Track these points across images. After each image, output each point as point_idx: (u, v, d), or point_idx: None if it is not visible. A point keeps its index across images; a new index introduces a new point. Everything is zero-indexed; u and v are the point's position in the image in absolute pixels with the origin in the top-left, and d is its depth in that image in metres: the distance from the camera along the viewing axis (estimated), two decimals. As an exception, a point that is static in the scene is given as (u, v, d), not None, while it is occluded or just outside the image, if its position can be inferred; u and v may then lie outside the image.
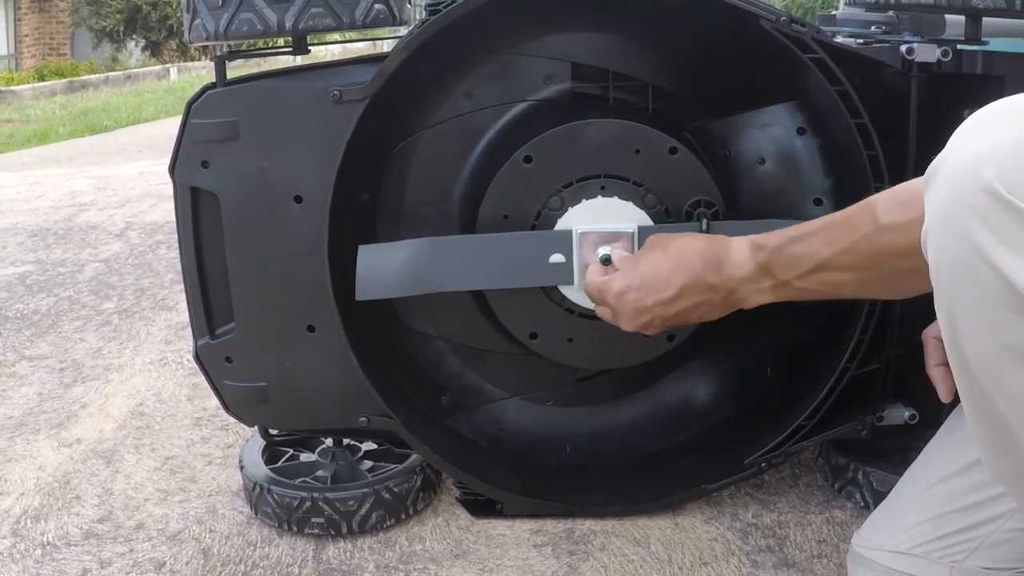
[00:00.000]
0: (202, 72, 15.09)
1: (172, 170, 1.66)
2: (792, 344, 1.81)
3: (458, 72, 1.72)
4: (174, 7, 16.78)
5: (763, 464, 1.73)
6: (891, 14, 1.92)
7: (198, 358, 1.73)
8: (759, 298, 1.44)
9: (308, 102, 1.61)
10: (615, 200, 1.66)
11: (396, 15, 1.68)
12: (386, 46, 1.59)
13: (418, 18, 1.63)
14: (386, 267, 1.65)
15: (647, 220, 1.65)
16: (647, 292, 1.49)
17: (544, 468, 1.85)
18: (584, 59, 1.74)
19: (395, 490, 1.76)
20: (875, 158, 1.59)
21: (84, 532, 1.79)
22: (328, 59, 1.72)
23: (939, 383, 1.39)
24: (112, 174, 5.33)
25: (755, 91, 1.72)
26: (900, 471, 1.48)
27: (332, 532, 1.74)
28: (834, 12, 2.12)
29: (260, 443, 1.87)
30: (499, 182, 1.67)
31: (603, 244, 1.61)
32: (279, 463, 1.87)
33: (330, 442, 1.88)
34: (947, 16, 1.76)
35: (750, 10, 1.57)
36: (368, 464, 1.86)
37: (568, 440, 1.87)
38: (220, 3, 1.61)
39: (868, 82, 1.61)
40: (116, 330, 2.85)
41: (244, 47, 1.94)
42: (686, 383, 1.87)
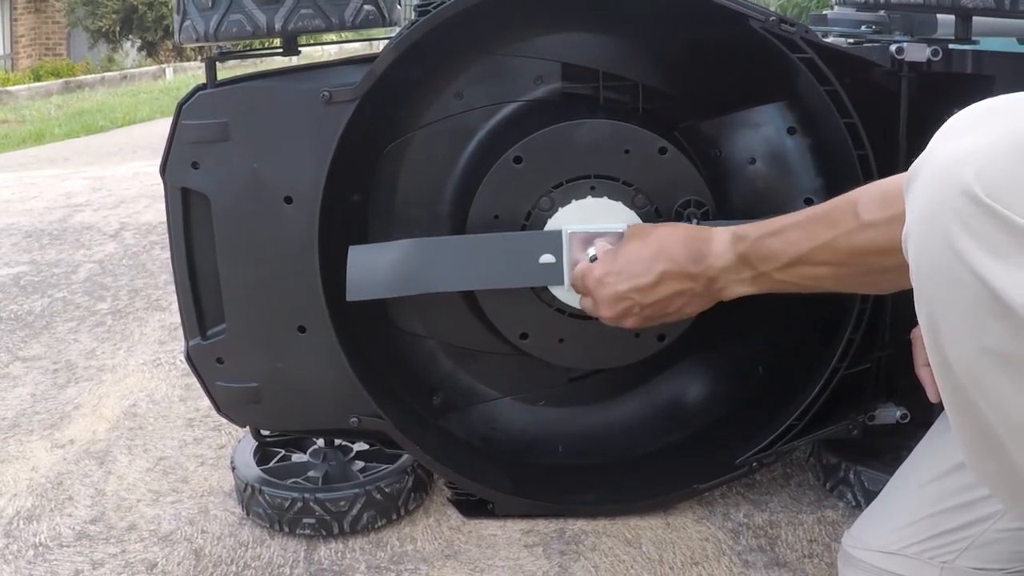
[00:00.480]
0: (198, 72, 15.06)
1: (163, 171, 1.66)
2: (783, 344, 1.81)
3: (448, 73, 1.72)
4: (170, 7, 16.75)
5: (754, 464, 1.73)
6: (882, 14, 1.92)
7: (189, 359, 1.73)
8: (739, 289, 1.44)
9: (298, 103, 1.61)
10: (605, 200, 1.66)
11: (386, 16, 1.68)
12: (382, 47, 1.58)
13: (408, 19, 1.63)
14: (377, 268, 1.65)
15: (637, 220, 1.65)
16: (625, 278, 1.50)
17: (536, 468, 1.85)
18: (574, 59, 1.74)
19: (386, 490, 1.76)
20: (865, 158, 1.59)
21: (76, 533, 1.79)
22: (323, 60, 1.72)
23: (928, 383, 1.39)
24: (107, 175, 5.32)
25: (745, 91, 1.72)
26: (891, 470, 1.48)
27: (323, 533, 1.74)
28: (826, 12, 2.12)
29: (252, 444, 1.87)
30: (489, 182, 1.67)
31: (593, 244, 1.61)
32: (271, 464, 1.87)
33: (321, 443, 1.88)
34: (938, 16, 1.76)
35: (739, 10, 1.57)
36: (359, 465, 1.86)
37: (560, 440, 1.87)
38: (210, 4, 1.61)
39: (858, 82, 1.61)
40: (110, 331, 2.84)
41: (238, 47, 1.94)
42: (678, 383, 1.87)
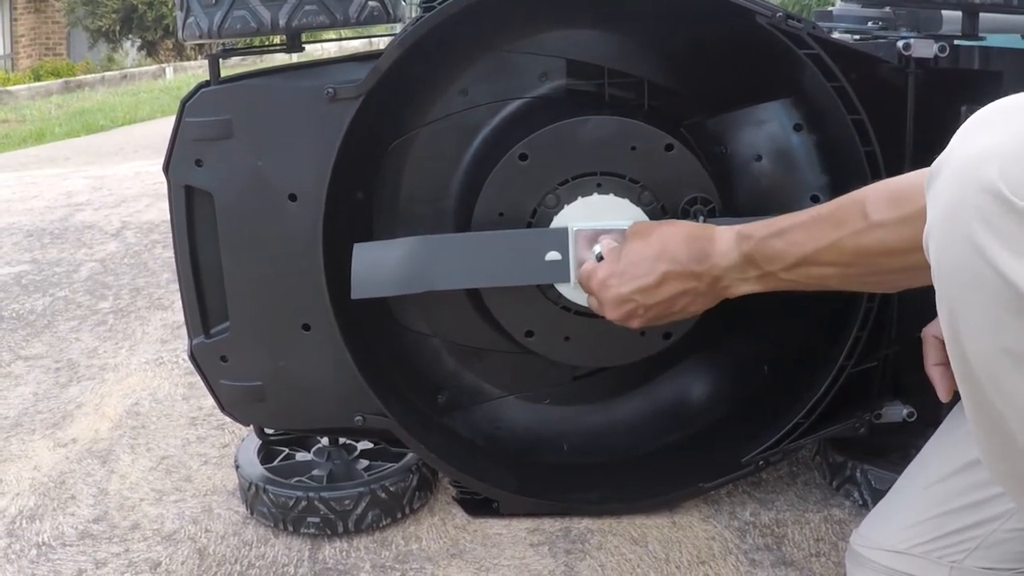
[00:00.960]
0: (198, 71, 15.08)
1: (166, 169, 1.65)
2: (789, 342, 1.80)
3: (453, 69, 1.71)
4: (170, 7, 16.78)
5: (761, 462, 1.73)
6: (888, 10, 1.91)
7: (193, 357, 1.73)
8: (744, 287, 1.43)
9: (302, 100, 1.60)
10: (611, 197, 1.65)
11: (390, 12, 1.67)
12: (382, 45, 1.58)
13: (412, 15, 1.62)
14: (381, 265, 1.64)
15: (643, 217, 1.64)
16: (628, 279, 1.48)
17: (541, 467, 1.85)
18: (579, 56, 1.73)
19: (391, 489, 1.75)
20: (872, 154, 1.59)
21: (79, 532, 1.79)
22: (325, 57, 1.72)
23: (938, 382, 1.38)
24: (108, 174, 5.32)
25: (751, 87, 1.71)
26: (899, 469, 1.47)
27: (328, 531, 1.73)
28: (831, 8, 2.11)
29: (256, 442, 1.87)
30: (495, 180, 1.66)
31: (599, 241, 1.60)
32: (275, 462, 1.86)
33: (326, 441, 1.87)
34: (944, 12, 1.75)
35: (746, 6, 1.56)
36: (364, 463, 1.86)
37: (565, 439, 1.87)
38: (213, 1, 1.60)
39: (865, 78, 1.60)
40: (112, 330, 2.84)
41: (242, 44, 1.93)
42: (683, 381, 1.87)
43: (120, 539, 1.76)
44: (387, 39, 1.63)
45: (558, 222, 1.65)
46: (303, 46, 1.73)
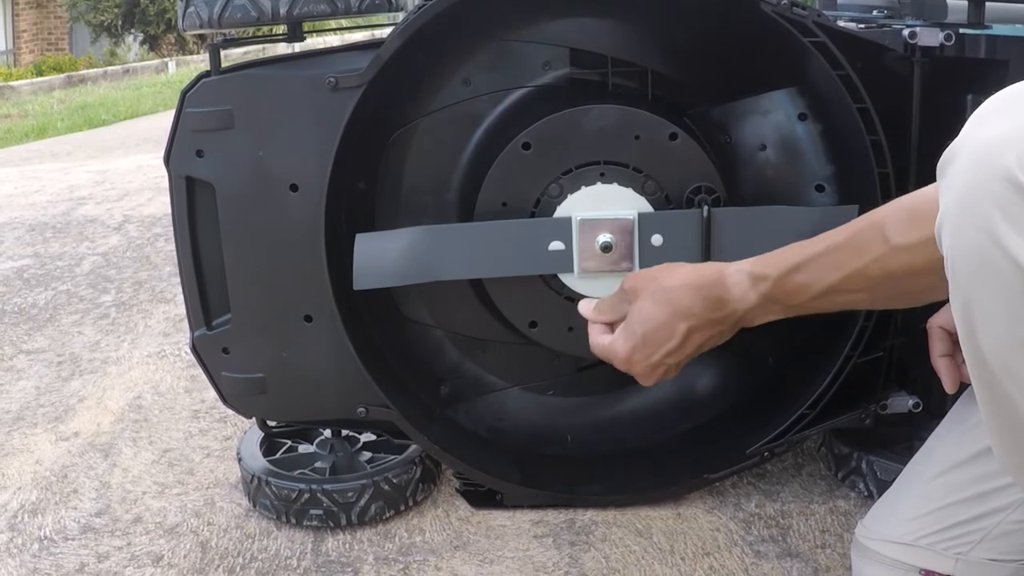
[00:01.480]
0: (200, 65, 15.07)
1: (167, 160, 1.65)
2: (795, 332, 1.79)
3: (455, 59, 1.70)
4: (171, 1, 16.78)
5: (766, 453, 1.72)
6: (893, -2, 1.90)
7: (195, 349, 1.72)
8: (769, 317, 1.37)
9: (304, 89, 1.60)
10: (615, 187, 1.64)
11: (392, 1, 1.66)
12: (386, 35, 1.58)
13: (414, 4, 1.62)
14: (384, 256, 1.63)
15: (647, 206, 1.63)
16: (653, 348, 1.42)
17: (545, 458, 1.84)
18: (583, 45, 1.72)
19: (394, 481, 1.74)
20: (878, 143, 1.58)
21: (82, 526, 1.78)
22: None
23: (944, 374, 1.37)
24: (110, 168, 5.31)
25: (756, 76, 1.70)
26: (904, 460, 1.47)
27: (331, 524, 1.72)
28: (835, -4, 2.10)
29: (258, 435, 1.86)
30: (497, 169, 1.65)
31: (603, 231, 1.60)
32: (277, 455, 1.86)
33: (328, 433, 1.86)
34: (949, 0, 1.74)
35: (750, -7, 1.55)
36: (367, 455, 1.85)
37: (569, 430, 1.86)
38: (214, -10, 1.60)
39: (870, 67, 1.59)
40: (114, 323, 2.83)
41: (242, 34, 1.92)
42: (688, 372, 1.84)
43: (122, 532, 1.76)
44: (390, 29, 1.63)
45: (561, 212, 1.64)
46: (304, 36, 1.72)
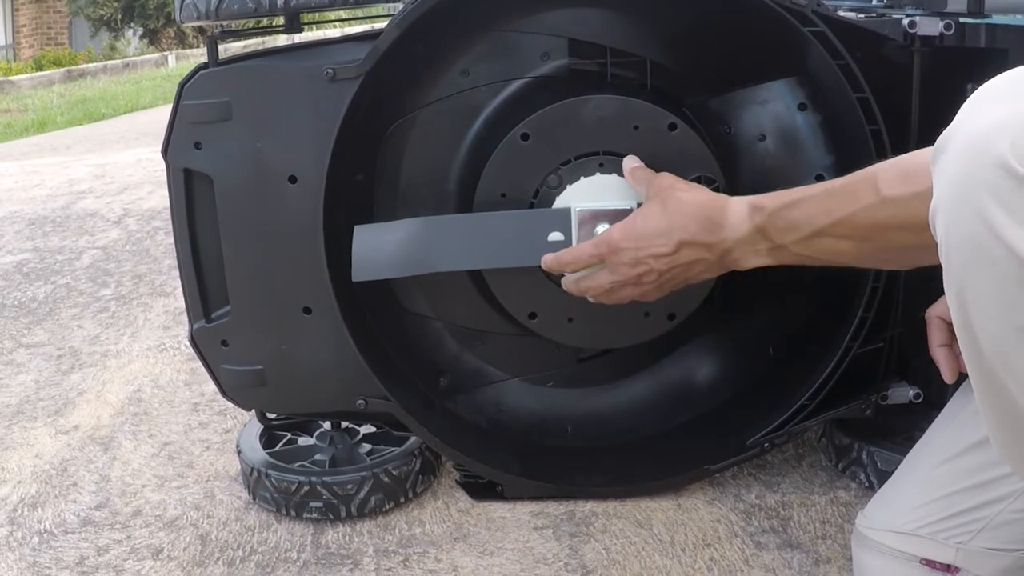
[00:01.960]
0: (200, 59, 14.93)
1: (165, 152, 1.64)
2: (795, 323, 1.79)
3: (454, 49, 1.70)
4: (171, -6, 16.78)
5: (766, 444, 1.72)
6: (892, -13, 1.90)
7: (194, 342, 1.72)
8: (754, 260, 1.41)
9: (301, 81, 1.59)
10: (614, 177, 1.64)
11: (390, -9, 1.66)
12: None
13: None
14: (382, 247, 1.63)
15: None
16: (644, 244, 1.46)
17: (545, 450, 1.84)
18: (581, 35, 1.71)
19: (394, 473, 1.74)
20: (878, 133, 1.58)
21: (81, 519, 1.78)
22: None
23: (943, 364, 1.37)
24: (110, 161, 5.31)
25: (755, 66, 1.70)
26: (904, 450, 1.47)
27: (331, 516, 1.72)
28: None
29: (258, 428, 1.86)
30: (496, 160, 1.65)
31: (602, 221, 1.59)
32: (277, 447, 1.86)
33: (328, 425, 1.86)
34: (949, -11, 1.74)
35: (749, -17, 1.55)
36: (367, 447, 1.85)
37: (569, 421, 1.86)
38: (212, -19, 1.59)
39: (870, 56, 1.59)
40: (113, 317, 2.83)
41: (240, 27, 1.92)
42: (688, 363, 1.85)
43: (122, 525, 1.76)
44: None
45: (560, 202, 1.64)
46: (302, 27, 1.72)
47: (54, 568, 1.64)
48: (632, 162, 1.59)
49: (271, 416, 1.85)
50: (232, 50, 1.74)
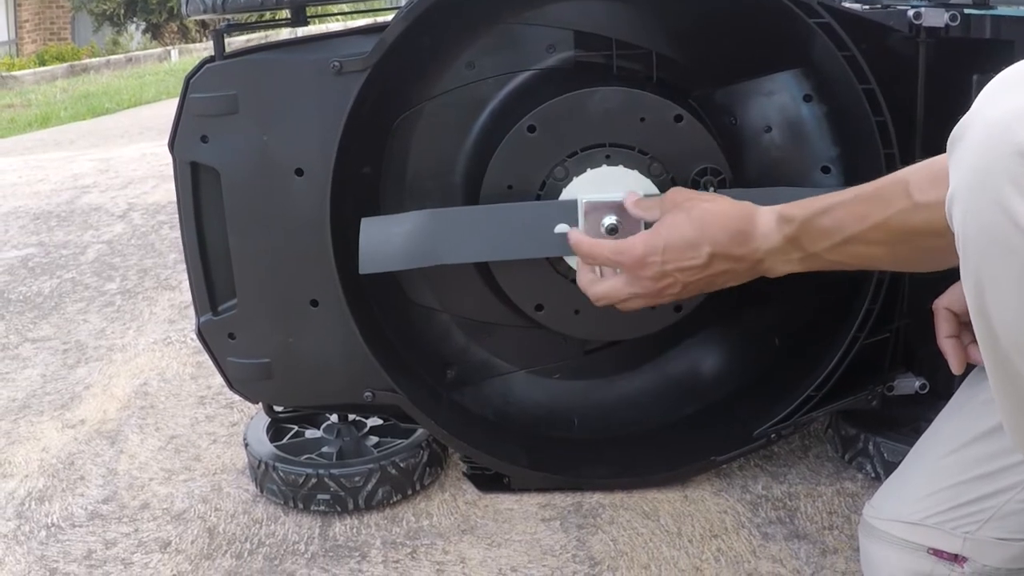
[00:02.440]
0: (204, 53, 14.84)
1: (171, 145, 1.64)
2: (801, 314, 1.79)
3: (460, 42, 1.70)
4: (174, -11, 16.77)
5: (772, 435, 1.72)
6: (898, -21, 1.90)
7: (201, 335, 1.72)
8: (785, 268, 1.40)
9: (308, 74, 1.59)
10: (620, 169, 1.64)
11: (396, -16, 1.66)
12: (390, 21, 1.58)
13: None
14: (389, 240, 1.63)
15: (653, 189, 1.63)
16: (671, 257, 1.45)
17: (552, 441, 1.84)
18: (587, 27, 1.71)
19: (401, 465, 1.75)
20: (883, 124, 1.58)
21: (89, 513, 1.78)
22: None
23: (950, 356, 1.37)
24: (114, 156, 5.31)
25: (761, 58, 1.70)
26: (911, 441, 1.47)
27: (338, 508, 1.73)
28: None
29: (264, 420, 1.86)
30: (503, 152, 1.65)
31: (609, 213, 1.59)
32: (284, 440, 1.86)
33: (335, 418, 1.86)
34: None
35: (755, -26, 1.55)
36: (374, 440, 1.85)
37: (575, 413, 1.86)
38: (217, -25, 1.59)
39: (875, 48, 1.59)
40: (119, 311, 2.83)
41: (246, 20, 1.92)
42: (694, 354, 1.86)
43: (130, 519, 1.76)
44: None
45: (567, 194, 1.64)
46: (308, 20, 1.72)
47: (62, 561, 1.65)
48: (632, 197, 1.58)
49: (278, 409, 1.86)
50: (235, 44, 1.73)
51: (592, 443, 1.84)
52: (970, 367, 1.38)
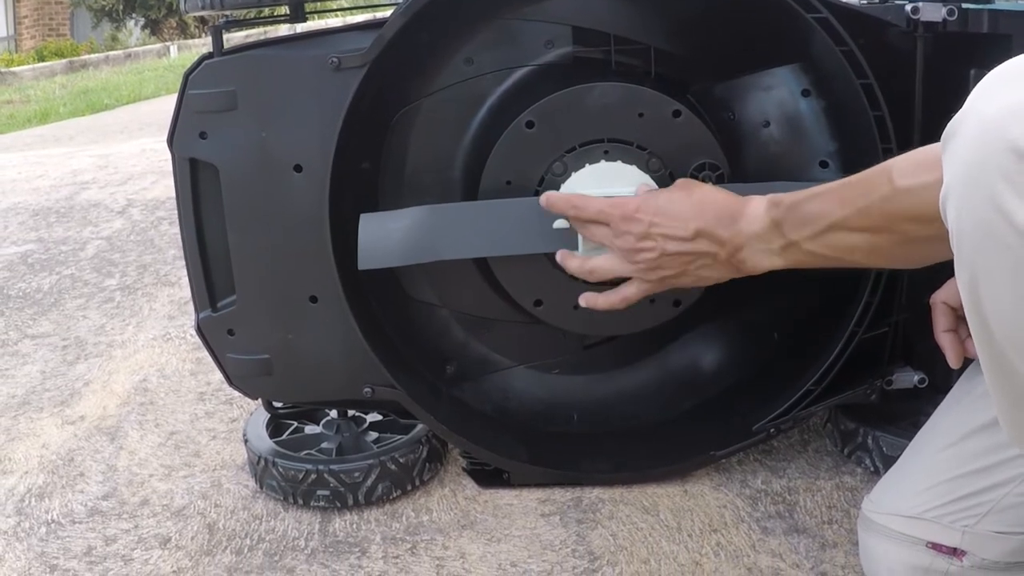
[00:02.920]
0: (203, 49, 14.90)
1: (170, 142, 1.64)
2: (800, 308, 1.79)
3: (458, 38, 1.70)
4: (173, -15, 16.76)
5: (772, 430, 1.72)
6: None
7: (200, 331, 1.72)
8: (764, 261, 1.41)
9: (307, 70, 1.59)
10: (619, 164, 1.64)
11: (394, -19, 1.66)
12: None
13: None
14: (388, 236, 1.63)
15: (651, 184, 1.63)
16: (660, 221, 1.47)
17: (551, 437, 1.84)
18: (586, 23, 1.71)
19: (401, 461, 1.75)
20: (881, 119, 1.58)
21: (89, 509, 1.78)
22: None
23: (948, 349, 1.37)
24: (113, 152, 5.31)
25: (759, 53, 1.70)
26: (910, 435, 1.47)
27: (338, 504, 1.73)
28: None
29: (264, 416, 1.86)
30: (501, 148, 1.65)
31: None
32: (283, 436, 1.86)
33: (335, 414, 1.87)
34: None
35: (753, -31, 1.55)
36: (373, 435, 1.85)
37: (575, 408, 1.86)
38: (216, -29, 1.59)
39: (873, 42, 1.59)
40: (119, 307, 2.84)
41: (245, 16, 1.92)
42: (693, 349, 1.86)
43: (129, 515, 1.76)
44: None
45: (566, 189, 1.64)
46: (307, 16, 1.72)
47: (62, 558, 1.65)
48: (644, 189, 1.58)
49: (277, 405, 1.85)
50: (234, 40, 1.73)
51: (591, 438, 1.84)
52: (968, 361, 1.38)
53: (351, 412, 1.86)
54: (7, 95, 11.83)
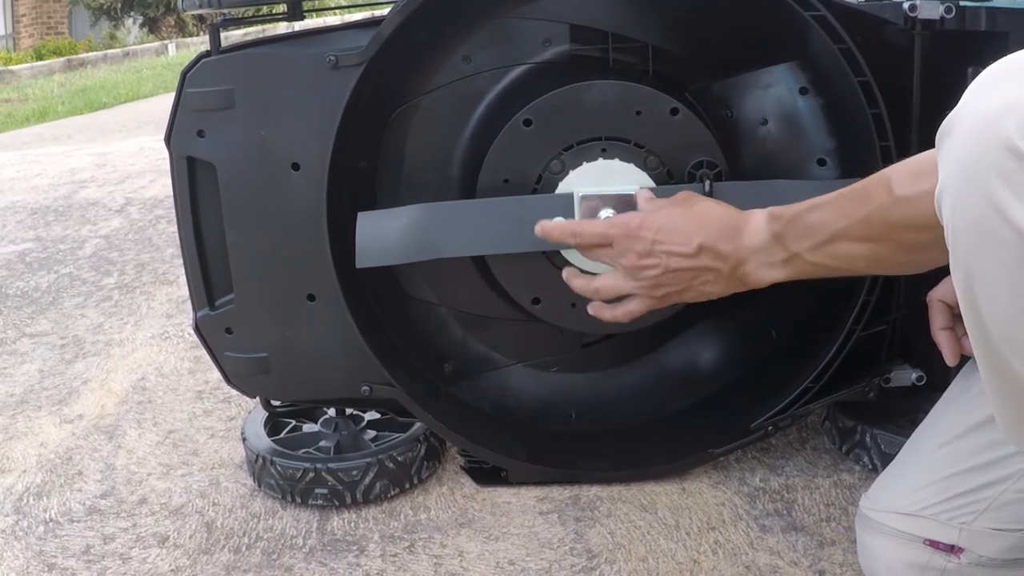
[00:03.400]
0: (200, 47, 14.94)
1: (168, 140, 1.64)
2: (798, 306, 1.79)
3: (456, 36, 1.70)
4: (171, -17, 16.75)
5: (770, 427, 1.72)
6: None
7: (198, 330, 1.72)
8: (767, 274, 1.41)
9: (304, 68, 1.59)
10: (616, 162, 1.64)
11: (391, -21, 1.66)
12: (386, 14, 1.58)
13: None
14: (386, 234, 1.63)
15: (649, 182, 1.63)
16: (661, 239, 1.46)
17: (549, 435, 1.84)
18: (583, 21, 1.71)
19: (399, 459, 1.75)
20: (879, 116, 1.58)
21: (87, 508, 1.78)
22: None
23: (944, 347, 1.38)
24: (111, 150, 5.31)
25: (756, 51, 1.70)
26: (908, 433, 1.47)
27: (336, 503, 1.73)
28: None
29: (262, 415, 1.86)
30: (499, 146, 1.65)
31: (605, 207, 1.59)
32: (282, 434, 1.86)
33: (333, 412, 1.87)
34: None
35: (751, -33, 1.55)
36: (371, 434, 1.85)
37: (573, 406, 1.86)
38: (213, -31, 1.59)
39: (871, 40, 1.59)
40: (117, 305, 2.84)
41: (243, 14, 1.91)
42: (691, 347, 1.86)
43: (128, 514, 1.76)
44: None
45: (563, 188, 1.64)
46: (304, 14, 1.72)
47: (60, 557, 1.65)
48: (645, 193, 1.58)
49: (275, 403, 1.85)
50: (232, 38, 1.74)
51: (590, 436, 1.84)
52: (965, 359, 1.38)
53: (349, 410, 1.86)
54: (5, 93, 11.82)
